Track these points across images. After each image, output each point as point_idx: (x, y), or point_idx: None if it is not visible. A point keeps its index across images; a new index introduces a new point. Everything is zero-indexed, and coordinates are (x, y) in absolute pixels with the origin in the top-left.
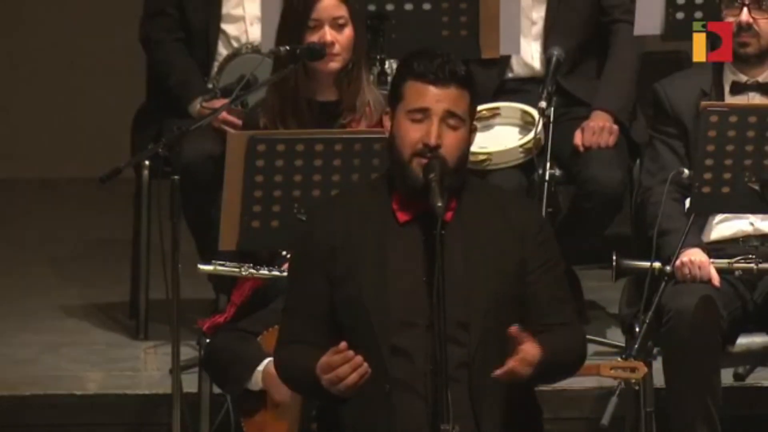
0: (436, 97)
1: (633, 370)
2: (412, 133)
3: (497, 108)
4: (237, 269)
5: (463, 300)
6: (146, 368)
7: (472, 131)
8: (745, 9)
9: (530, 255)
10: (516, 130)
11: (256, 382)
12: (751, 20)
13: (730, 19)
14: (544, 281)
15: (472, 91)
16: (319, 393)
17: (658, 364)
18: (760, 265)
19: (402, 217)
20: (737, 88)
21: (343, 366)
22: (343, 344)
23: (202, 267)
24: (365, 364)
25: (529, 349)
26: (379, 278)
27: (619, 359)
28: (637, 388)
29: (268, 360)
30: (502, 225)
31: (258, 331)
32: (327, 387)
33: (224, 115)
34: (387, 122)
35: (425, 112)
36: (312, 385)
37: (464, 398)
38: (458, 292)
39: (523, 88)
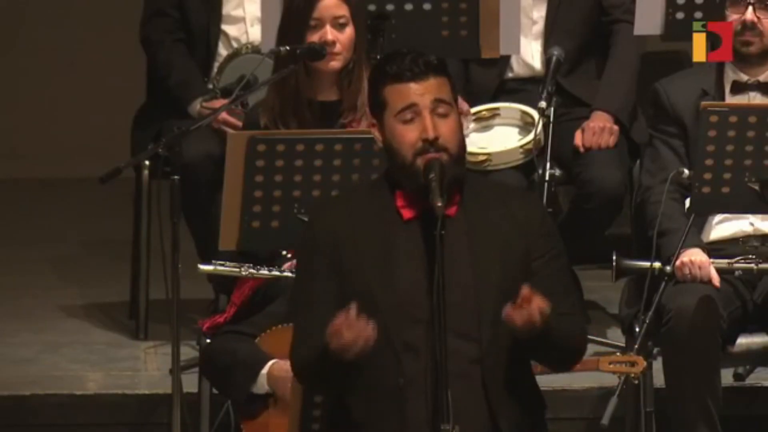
0: (419, 91)
1: (632, 364)
2: (408, 134)
3: (497, 108)
4: (237, 269)
5: (473, 295)
6: (146, 368)
7: (460, 114)
8: (750, 8)
9: (533, 246)
10: (516, 130)
11: (262, 385)
12: (755, 19)
13: (735, 17)
14: (546, 272)
15: (449, 76)
16: (334, 375)
17: (658, 364)
18: (760, 265)
19: (406, 214)
20: (738, 88)
21: (347, 333)
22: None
23: (202, 267)
24: (369, 327)
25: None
26: (386, 274)
27: (618, 354)
28: (636, 382)
29: (272, 362)
30: (505, 218)
31: (254, 333)
32: (338, 353)
33: (224, 115)
34: (377, 133)
35: (414, 108)
36: (327, 367)
37: (478, 394)
38: (467, 287)
39: (523, 88)
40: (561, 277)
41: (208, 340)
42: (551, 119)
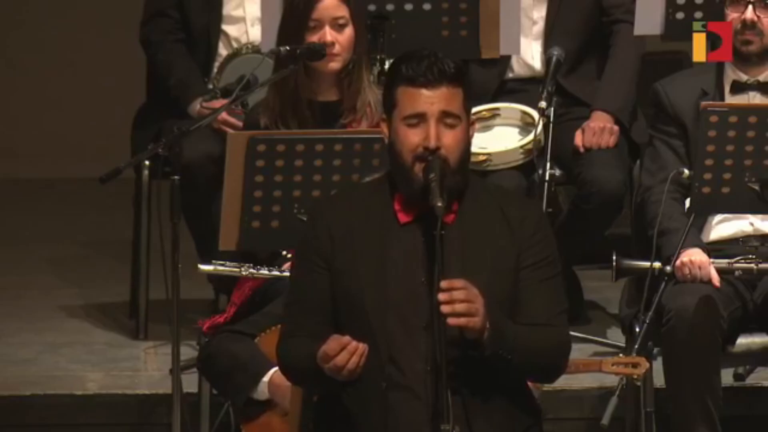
0: (429, 99)
1: (635, 365)
2: (411, 138)
3: (497, 108)
4: (237, 269)
5: None
6: (146, 368)
7: (471, 125)
8: (750, 7)
9: (525, 253)
10: (516, 131)
11: (263, 391)
12: (755, 18)
13: (734, 16)
14: (533, 279)
15: (465, 86)
16: (321, 381)
17: (658, 364)
18: (760, 265)
19: (403, 217)
20: (738, 88)
21: (341, 354)
22: (346, 338)
23: (202, 267)
24: (361, 345)
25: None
26: (380, 277)
27: (621, 355)
28: (639, 383)
29: (273, 369)
30: (501, 225)
31: (254, 333)
32: (330, 375)
33: (224, 115)
34: (384, 129)
35: (421, 117)
36: (314, 375)
37: (456, 398)
38: None
39: (523, 89)
40: (546, 287)
41: (206, 342)
42: (551, 119)
